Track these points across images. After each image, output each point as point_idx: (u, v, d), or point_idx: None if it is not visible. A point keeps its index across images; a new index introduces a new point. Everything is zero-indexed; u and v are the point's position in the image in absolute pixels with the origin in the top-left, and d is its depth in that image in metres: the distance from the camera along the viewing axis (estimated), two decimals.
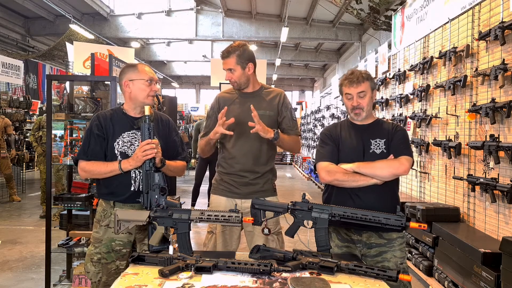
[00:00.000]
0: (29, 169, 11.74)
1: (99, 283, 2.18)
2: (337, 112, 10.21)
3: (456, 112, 4.18)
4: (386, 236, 2.14)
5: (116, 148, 2.18)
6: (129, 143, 2.20)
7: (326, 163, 2.17)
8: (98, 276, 2.18)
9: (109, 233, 2.18)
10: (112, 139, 2.18)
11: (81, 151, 2.21)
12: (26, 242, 5.13)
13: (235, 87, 2.50)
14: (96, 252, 2.19)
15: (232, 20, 13.98)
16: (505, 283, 2.72)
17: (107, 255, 2.18)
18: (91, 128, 2.21)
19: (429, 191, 4.84)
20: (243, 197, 2.43)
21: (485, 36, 3.55)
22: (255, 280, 1.60)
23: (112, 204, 2.20)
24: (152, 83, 2.21)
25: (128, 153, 2.18)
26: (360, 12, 9.47)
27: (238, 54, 2.42)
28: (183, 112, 14.93)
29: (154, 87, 2.22)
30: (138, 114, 2.25)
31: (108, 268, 2.18)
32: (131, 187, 2.18)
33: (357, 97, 2.15)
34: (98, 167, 2.16)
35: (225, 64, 2.46)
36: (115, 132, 2.19)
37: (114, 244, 2.19)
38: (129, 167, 2.12)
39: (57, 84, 4.26)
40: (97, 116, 2.25)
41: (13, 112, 9.07)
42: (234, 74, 2.44)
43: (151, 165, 2.08)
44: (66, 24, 10.45)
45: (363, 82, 2.14)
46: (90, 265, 2.19)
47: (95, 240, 2.22)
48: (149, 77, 2.20)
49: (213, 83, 6.42)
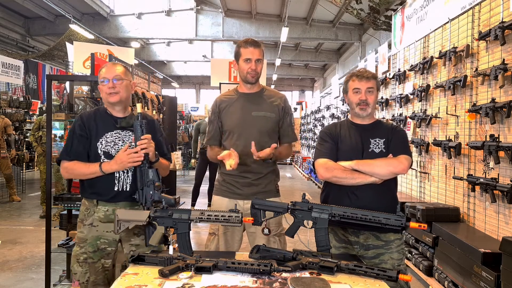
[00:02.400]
0: (29, 169, 11.74)
1: (88, 283, 2.16)
2: (337, 112, 10.21)
3: (456, 112, 4.18)
4: (383, 238, 2.14)
5: (100, 148, 2.17)
6: (112, 143, 2.18)
7: (324, 159, 2.17)
8: (86, 276, 2.16)
9: (93, 232, 2.17)
10: (95, 139, 2.17)
11: (63, 151, 2.20)
12: (26, 242, 5.13)
13: (253, 79, 2.42)
14: (82, 252, 2.17)
15: (232, 20, 13.98)
16: (505, 283, 2.72)
17: (93, 254, 2.16)
18: (74, 129, 2.20)
19: (429, 191, 4.84)
20: (245, 198, 2.42)
21: (485, 36, 3.55)
22: (255, 280, 1.60)
23: (96, 203, 2.19)
24: (104, 83, 2.16)
25: (112, 153, 2.16)
26: (360, 12, 9.47)
27: (263, 48, 2.44)
28: (183, 112, 14.95)
29: (106, 87, 2.15)
30: (120, 114, 2.23)
31: (96, 267, 2.17)
32: (114, 187, 2.16)
33: (365, 91, 2.16)
34: (80, 168, 2.15)
35: (253, 53, 2.38)
36: (98, 132, 2.18)
37: (100, 242, 2.17)
38: (110, 170, 2.11)
39: (57, 84, 4.27)
40: (80, 116, 2.25)
41: (13, 112, 9.07)
42: (259, 65, 2.42)
43: (144, 162, 2.09)
44: (66, 24, 10.45)
45: (372, 80, 2.18)
46: (76, 266, 2.18)
47: (80, 240, 2.19)
48: (101, 77, 2.17)
49: (213, 83, 6.42)
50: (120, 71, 2.18)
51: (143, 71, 4.70)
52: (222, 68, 6.38)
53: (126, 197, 2.17)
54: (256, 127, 2.41)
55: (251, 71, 2.39)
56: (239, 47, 2.43)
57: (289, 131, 2.55)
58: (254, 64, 2.39)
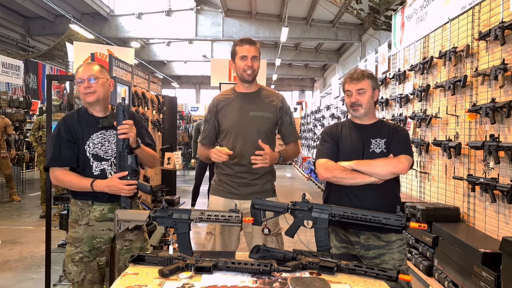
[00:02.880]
0: (29, 169, 11.74)
1: (83, 282, 2.17)
2: (337, 112, 10.21)
3: (456, 112, 4.18)
4: (384, 238, 2.14)
5: (88, 151, 2.17)
6: (99, 144, 2.19)
7: (324, 160, 2.17)
8: (81, 275, 2.16)
9: (89, 231, 2.18)
10: (82, 143, 2.17)
11: (52, 158, 2.17)
12: (26, 242, 5.13)
13: (249, 77, 2.42)
14: (77, 251, 2.17)
15: (232, 20, 13.98)
16: (505, 283, 2.72)
17: (89, 253, 2.18)
18: (59, 133, 2.17)
19: (429, 191, 4.84)
20: (242, 198, 2.42)
21: (485, 36, 3.55)
22: (255, 280, 1.60)
23: (91, 203, 2.19)
24: (80, 83, 2.15)
25: (100, 154, 2.18)
26: (360, 12, 9.48)
27: (259, 46, 2.46)
28: (183, 112, 14.95)
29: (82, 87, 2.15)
30: (101, 114, 2.23)
31: (92, 265, 2.18)
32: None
33: (355, 93, 2.17)
34: (71, 180, 2.14)
35: (249, 50, 2.39)
36: (84, 135, 2.18)
37: (96, 241, 2.19)
38: (100, 190, 2.12)
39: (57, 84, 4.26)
40: (63, 120, 2.23)
41: (13, 112, 9.07)
42: (256, 63, 2.42)
43: (124, 147, 2.10)
44: (66, 24, 10.45)
45: (363, 80, 2.17)
46: (71, 265, 2.17)
47: (74, 240, 2.19)
48: (77, 78, 2.16)
49: (213, 83, 6.42)
50: (96, 70, 2.17)
51: (143, 71, 4.70)
52: (222, 68, 6.37)
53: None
54: (254, 127, 2.40)
55: (247, 68, 2.39)
56: (235, 46, 2.45)
57: (291, 130, 2.55)
58: (250, 61, 2.39)
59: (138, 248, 2.25)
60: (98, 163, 2.18)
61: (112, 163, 2.20)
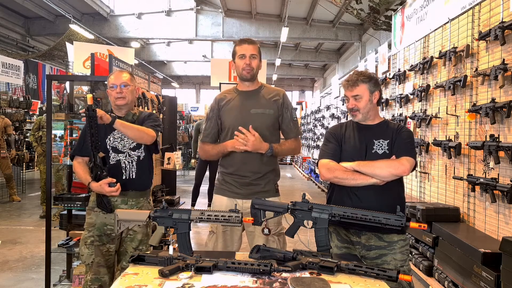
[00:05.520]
0: (29, 169, 11.74)
1: (92, 264, 2.41)
2: (337, 112, 10.20)
3: (456, 112, 4.18)
4: (386, 239, 2.13)
5: (108, 144, 2.48)
6: (119, 139, 2.49)
7: (327, 160, 2.18)
8: (91, 257, 2.42)
9: (101, 218, 2.45)
10: (104, 136, 2.47)
11: (76, 147, 2.56)
12: (26, 242, 5.13)
13: (248, 75, 2.44)
14: (89, 235, 2.45)
15: (232, 20, 13.98)
16: (505, 283, 2.72)
17: (99, 238, 2.44)
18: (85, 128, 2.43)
19: (429, 191, 4.84)
20: (245, 197, 2.42)
21: (485, 36, 3.55)
22: (255, 280, 1.60)
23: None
24: (113, 88, 2.46)
25: (118, 148, 2.48)
26: (360, 12, 9.48)
27: (258, 46, 2.50)
28: (183, 112, 14.92)
29: (114, 92, 2.45)
30: (123, 114, 2.52)
31: (101, 249, 2.44)
32: (122, 176, 2.45)
33: (352, 99, 2.18)
34: (79, 172, 2.49)
35: (247, 49, 2.43)
36: (107, 131, 2.47)
37: (106, 228, 2.45)
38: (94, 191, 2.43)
39: (57, 84, 4.26)
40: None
41: (13, 112, 9.06)
42: (254, 61, 2.45)
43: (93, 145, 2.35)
44: (66, 24, 10.45)
45: (358, 86, 2.16)
46: (84, 247, 2.44)
47: (88, 225, 2.48)
48: (111, 84, 2.47)
49: (213, 83, 6.42)
50: (127, 78, 2.50)
51: (143, 71, 4.70)
52: (222, 68, 6.38)
53: (134, 185, 2.47)
54: (255, 124, 2.40)
55: (245, 66, 2.42)
56: (235, 46, 2.50)
57: (292, 126, 2.53)
58: (248, 59, 2.42)
59: (139, 240, 2.50)
60: (115, 154, 2.47)
61: (127, 154, 2.49)
